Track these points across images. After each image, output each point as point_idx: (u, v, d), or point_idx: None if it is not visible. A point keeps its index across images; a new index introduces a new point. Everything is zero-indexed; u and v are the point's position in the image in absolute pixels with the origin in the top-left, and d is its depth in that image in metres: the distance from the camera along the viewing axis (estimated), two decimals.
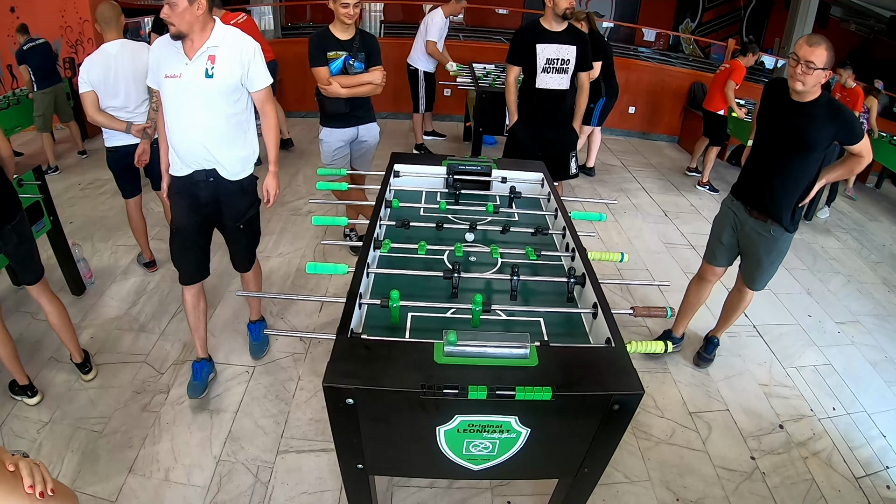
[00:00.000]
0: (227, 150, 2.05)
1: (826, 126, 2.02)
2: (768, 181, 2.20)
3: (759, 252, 2.32)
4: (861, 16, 9.09)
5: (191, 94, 1.93)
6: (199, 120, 1.97)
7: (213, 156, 2.03)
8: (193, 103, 1.95)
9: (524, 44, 3.01)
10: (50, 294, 2.24)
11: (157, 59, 1.97)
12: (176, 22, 1.82)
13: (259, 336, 2.58)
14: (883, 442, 2.36)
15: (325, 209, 3.87)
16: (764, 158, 2.23)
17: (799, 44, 1.98)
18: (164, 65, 1.93)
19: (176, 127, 1.99)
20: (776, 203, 2.20)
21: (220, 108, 1.98)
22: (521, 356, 1.20)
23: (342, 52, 2.79)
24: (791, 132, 2.09)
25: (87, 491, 1.90)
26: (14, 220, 2.02)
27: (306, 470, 2.02)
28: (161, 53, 1.94)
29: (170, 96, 1.96)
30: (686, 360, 2.72)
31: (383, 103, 6.07)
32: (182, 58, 1.90)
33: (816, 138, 2.05)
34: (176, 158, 2.06)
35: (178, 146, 2.02)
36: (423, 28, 4.69)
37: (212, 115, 1.98)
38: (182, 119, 1.97)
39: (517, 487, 1.99)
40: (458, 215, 2.04)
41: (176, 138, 2.01)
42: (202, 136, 1.99)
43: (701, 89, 5.78)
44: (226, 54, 1.93)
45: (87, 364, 2.37)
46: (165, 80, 1.93)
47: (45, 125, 4.42)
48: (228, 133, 2.03)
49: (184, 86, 1.92)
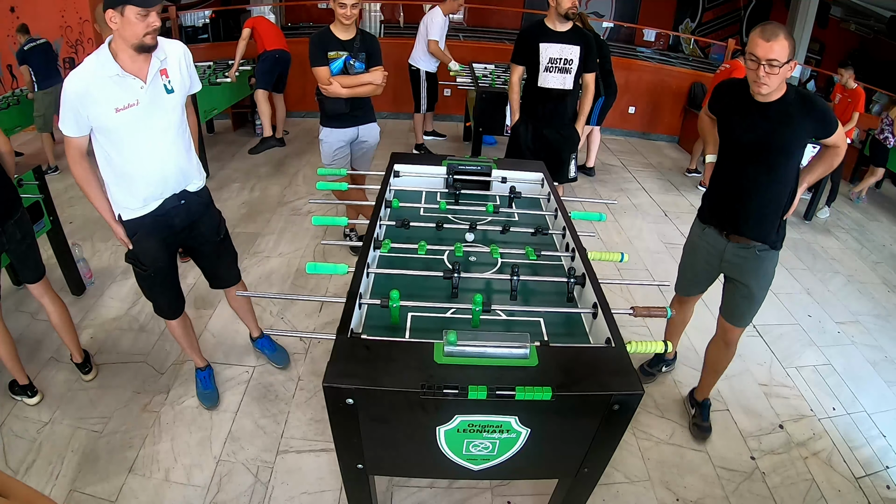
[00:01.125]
0: (190, 162, 1.91)
1: (801, 123, 1.76)
2: (743, 199, 1.92)
3: (747, 279, 2.01)
4: (861, 16, 9.08)
5: (156, 117, 1.74)
6: (169, 141, 1.80)
7: (184, 174, 1.88)
8: (160, 126, 1.76)
9: (528, 43, 3.04)
10: (51, 293, 2.24)
11: (88, 99, 1.62)
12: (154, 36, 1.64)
13: (273, 346, 2.55)
14: (883, 442, 2.36)
15: (325, 209, 3.87)
16: (734, 173, 1.93)
17: (753, 40, 1.68)
18: (107, 101, 1.64)
19: (142, 159, 1.76)
20: (757, 222, 1.92)
21: (180, 120, 1.84)
22: (521, 356, 1.20)
23: (343, 52, 2.79)
24: (762, 139, 1.80)
25: (87, 491, 1.90)
26: (15, 215, 2.02)
27: (306, 470, 2.02)
28: (93, 92, 1.62)
29: (127, 130, 1.70)
30: (686, 360, 2.72)
31: (383, 103, 6.07)
32: (132, 83, 1.66)
33: (792, 140, 1.80)
34: (137, 196, 1.81)
35: (148, 179, 1.79)
36: (423, 28, 4.69)
37: (178, 131, 1.83)
38: (150, 148, 1.76)
39: (517, 487, 1.99)
40: (458, 215, 2.04)
41: (143, 172, 1.77)
42: (174, 157, 1.83)
43: (701, 89, 5.79)
44: (171, 63, 1.77)
45: (88, 364, 2.37)
46: (117, 114, 1.66)
47: (46, 125, 4.42)
48: (186, 143, 1.89)
49: (145, 112, 1.70)
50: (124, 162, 1.75)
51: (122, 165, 1.76)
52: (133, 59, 1.66)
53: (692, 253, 2.20)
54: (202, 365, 2.34)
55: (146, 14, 1.58)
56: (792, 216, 5.12)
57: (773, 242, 1.95)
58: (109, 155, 1.75)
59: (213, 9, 7.65)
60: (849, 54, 9.58)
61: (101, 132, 1.70)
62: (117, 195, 1.83)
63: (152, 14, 1.59)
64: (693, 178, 5.17)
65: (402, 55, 4.99)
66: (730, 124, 1.91)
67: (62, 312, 2.27)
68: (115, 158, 1.75)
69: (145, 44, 1.62)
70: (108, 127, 1.68)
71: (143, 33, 1.60)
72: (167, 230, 1.92)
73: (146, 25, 1.59)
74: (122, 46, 1.63)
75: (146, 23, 1.59)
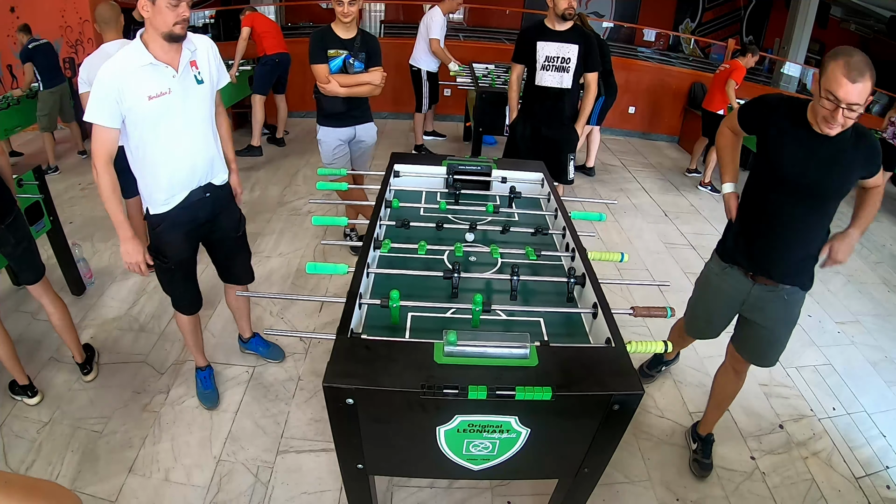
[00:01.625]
0: (217, 154, 1.94)
1: (854, 160, 1.55)
2: (779, 241, 1.67)
3: (770, 322, 1.81)
4: (861, 16, 9.09)
5: (187, 107, 1.77)
6: (199, 132, 1.83)
7: (212, 166, 1.91)
8: (191, 115, 1.79)
9: (527, 42, 3.06)
10: (52, 294, 2.24)
11: (122, 87, 1.63)
12: (184, 26, 1.68)
13: (265, 343, 2.56)
14: (883, 442, 2.36)
15: (325, 209, 3.87)
16: (769, 210, 1.67)
17: (835, 78, 1.39)
18: (140, 88, 1.66)
19: (172, 148, 1.77)
20: (793, 267, 1.70)
21: (209, 113, 1.88)
22: (521, 356, 1.20)
23: (343, 51, 2.79)
24: (814, 177, 1.55)
25: (87, 491, 1.90)
26: (7, 220, 2.01)
27: (306, 470, 2.02)
28: (127, 80, 1.64)
29: (159, 118, 1.71)
30: (686, 360, 2.72)
31: (383, 103, 6.08)
32: (164, 71, 1.69)
33: (846, 180, 1.57)
34: (163, 189, 1.82)
35: (177, 168, 1.81)
36: (423, 28, 4.70)
37: (208, 122, 1.87)
38: (180, 137, 1.78)
39: (517, 487, 1.99)
40: (458, 215, 2.04)
41: (172, 161, 1.79)
42: (204, 147, 1.86)
43: (701, 89, 5.78)
44: (201, 56, 1.81)
45: (88, 365, 2.37)
46: (150, 102, 1.67)
47: (51, 124, 4.44)
48: (214, 136, 1.93)
49: (177, 101, 1.73)
50: (154, 151, 1.76)
51: (151, 155, 1.77)
52: (165, 50, 1.69)
53: (709, 294, 1.92)
54: (203, 364, 2.34)
55: (177, 4, 1.61)
56: None
57: (803, 283, 1.74)
58: (138, 146, 1.76)
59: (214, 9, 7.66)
60: None
61: (132, 121, 1.70)
62: (144, 188, 1.84)
63: (183, 4, 1.63)
64: (693, 178, 5.16)
65: (402, 55, 4.99)
66: (773, 151, 1.62)
67: (63, 313, 2.26)
68: (143, 148, 1.76)
69: (174, 33, 1.65)
70: (141, 115, 1.69)
71: (174, 22, 1.62)
72: (191, 223, 1.93)
73: (176, 15, 1.62)
74: (153, 36, 1.66)
75: (176, 12, 1.62)
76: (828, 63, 1.42)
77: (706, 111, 4.88)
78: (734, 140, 1.90)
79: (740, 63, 4.57)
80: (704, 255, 3.75)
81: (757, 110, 1.71)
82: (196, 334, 2.26)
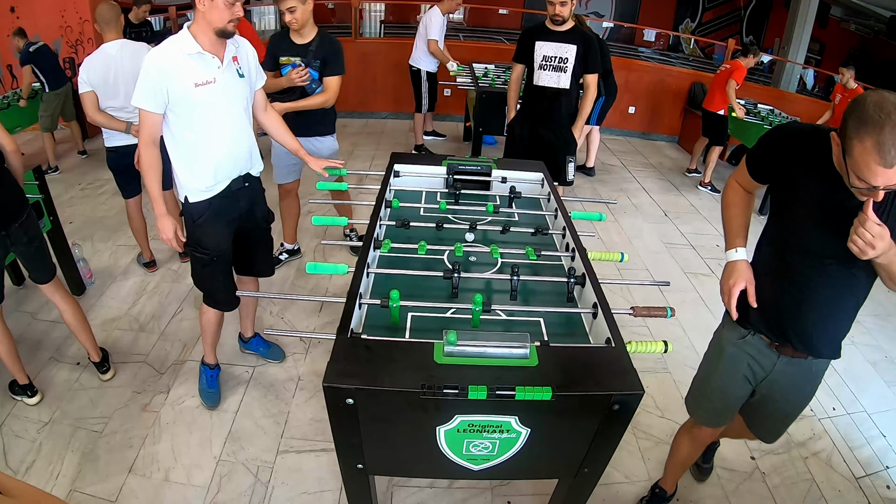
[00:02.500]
0: (255, 146, 2.01)
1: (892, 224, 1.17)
2: (812, 305, 1.34)
3: (793, 396, 1.53)
4: (861, 16, 9.09)
5: (230, 98, 1.84)
6: (240, 123, 1.90)
7: (251, 156, 1.98)
8: (234, 106, 1.87)
9: (526, 41, 3.09)
10: (64, 292, 2.23)
11: (169, 73, 1.70)
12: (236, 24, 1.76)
13: (266, 343, 2.55)
14: (883, 442, 2.36)
15: (325, 209, 3.87)
16: (794, 279, 1.33)
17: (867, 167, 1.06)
18: (187, 75, 1.73)
19: (215, 137, 1.84)
20: (824, 338, 1.40)
21: (249, 106, 1.97)
22: (521, 356, 1.20)
23: (295, 58, 2.62)
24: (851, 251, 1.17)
25: (87, 491, 1.90)
26: (22, 217, 2.01)
27: (306, 470, 2.02)
28: (175, 66, 1.71)
29: (204, 105, 1.78)
30: (686, 360, 2.72)
31: (383, 103, 6.09)
32: (211, 61, 1.76)
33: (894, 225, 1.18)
34: (207, 176, 1.87)
35: (219, 156, 1.86)
36: (422, 28, 4.69)
37: (248, 115, 1.96)
38: (223, 127, 1.85)
39: (517, 487, 1.99)
40: (458, 215, 2.04)
41: (215, 150, 1.85)
42: (245, 138, 1.93)
43: (701, 89, 5.78)
44: (242, 53, 1.89)
45: (106, 363, 2.36)
46: (196, 89, 1.74)
47: (52, 124, 4.43)
48: (252, 129, 2.00)
49: (221, 90, 1.80)
50: (197, 139, 1.82)
51: (194, 143, 1.82)
52: (212, 42, 1.75)
53: (723, 367, 1.56)
54: (213, 363, 2.32)
55: (233, 3, 1.69)
56: None
57: (835, 352, 1.44)
58: (182, 133, 1.81)
59: None
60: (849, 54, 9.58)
61: (176, 108, 1.76)
62: (185, 177, 1.88)
63: (238, 4, 1.70)
64: (693, 178, 5.16)
65: (401, 55, 4.98)
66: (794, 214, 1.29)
67: (76, 311, 2.25)
68: (187, 136, 1.81)
69: (227, 30, 1.73)
70: (186, 101, 1.75)
71: (228, 20, 1.71)
72: (232, 212, 1.98)
73: (231, 13, 1.70)
74: (203, 29, 1.73)
75: (232, 11, 1.69)
76: (852, 143, 1.07)
77: (706, 111, 4.88)
78: (745, 198, 1.51)
79: (741, 63, 4.57)
80: (704, 255, 3.77)
81: (770, 157, 1.36)
82: (217, 332, 2.26)
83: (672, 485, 1.94)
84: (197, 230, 1.94)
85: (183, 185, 1.89)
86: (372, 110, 6.15)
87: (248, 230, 2.10)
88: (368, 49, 5.97)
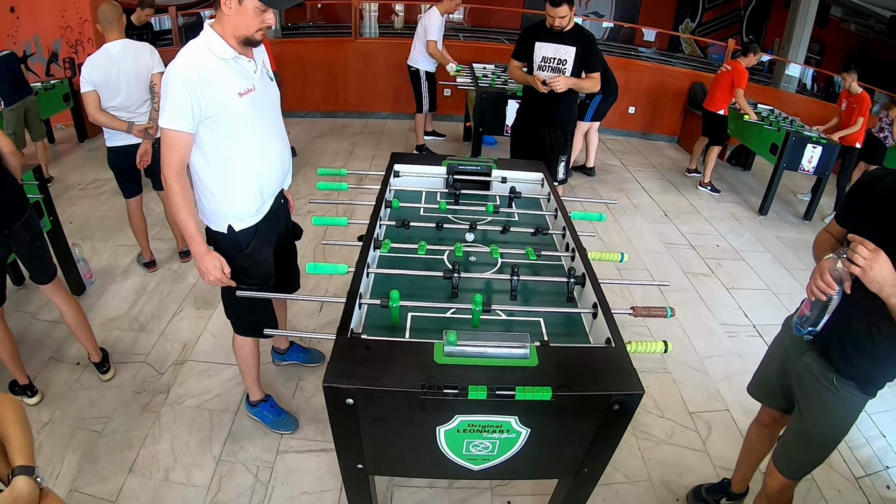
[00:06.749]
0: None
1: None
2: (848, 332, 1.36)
3: (811, 408, 1.49)
4: (861, 16, 9.09)
5: (269, 105, 1.68)
6: (280, 132, 1.73)
7: (289, 167, 1.79)
8: (275, 115, 1.71)
9: (526, 40, 3.10)
10: (65, 293, 2.23)
11: (213, 80, 1.50)
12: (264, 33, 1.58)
13: (304, 350, 2.50)
14: (883, 442, 2.36)
15: (325, 209, 3.87)
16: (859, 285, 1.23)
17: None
18: (230, 83, 1.53)
19: (263, 151, 1.65)
20: (853, 358, 1.39)
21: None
22: (521, 356, 1.20)
23: None
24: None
25: (87, 491, 1.90)
26: (22, 217, 2.01)
27: (306, 470, 2.02)
28: (216, 73, 1.51)
29: (248, 117, 1.58)
30: (686, 359, 2.72)
31: (383, 103, 6.10)
32: (247, 66, 1.59)
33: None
34: (254, 198, 1.66)
35: (268, 172, 1.67)
36: (421, 29, 4.69)
37: (282, 122, 1.76)
38: (269, 137, 1.67)
39: (517, 487, 1.99)
40: (458, 215, 2.04)
41: (263, 166, 1.65)
42: (285, 149, 1.75)
43: (701, 89, 5.79)
44: (264, 58, 1.71)
45: (106, 363, 2.37)
46: (241, 98, 1.54)
47: (18, 142, 3.80)
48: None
49: (262, 98, 1.63)
50: (242, 155, 1.61)
51: (238, 160, 1.61)
52: (239, 47, 1.57)
53: (773, 345, 1.71)
54: (263, 396, 2.15)
55: (265, 10, 1.49)
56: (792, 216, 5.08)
57: (863, 385, 1.41)
58: (220, 152, 1.59)
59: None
60: (849, 54, 9.59)
61: (215, 124, 1.53)
62: (225, 203, 1.65)
63: (270, 11, 1.51)
64: (693, 178, 5.17)
65: (399, 55, 4.99)
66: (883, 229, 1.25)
67: (76, 311, 2.25)
68: (228, 154, 1.59)
69: (254, 39, 1.55)
70: (230, 114, 1.54)
71: (256, 29, 1.52)
72: (276, 231, 1.82)
73: (261, 21, 1.51)
74: (228, 34, 1.53)
75: (262, 18, 1.50)
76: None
77: (706, 111, 4.88)
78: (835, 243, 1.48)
79: (741, 65, 4.55)
80: (704, 255, 3.77)
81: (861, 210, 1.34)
82: (258, 362, 2.08)
83: (739, 481, 1.96)
84: (244, 260, 1.73)
85: (222, 212, 1.66)
86: (372, 110, 6.16)
87: (285, 247, 2.00)
88: (369, 49, 5.98)
